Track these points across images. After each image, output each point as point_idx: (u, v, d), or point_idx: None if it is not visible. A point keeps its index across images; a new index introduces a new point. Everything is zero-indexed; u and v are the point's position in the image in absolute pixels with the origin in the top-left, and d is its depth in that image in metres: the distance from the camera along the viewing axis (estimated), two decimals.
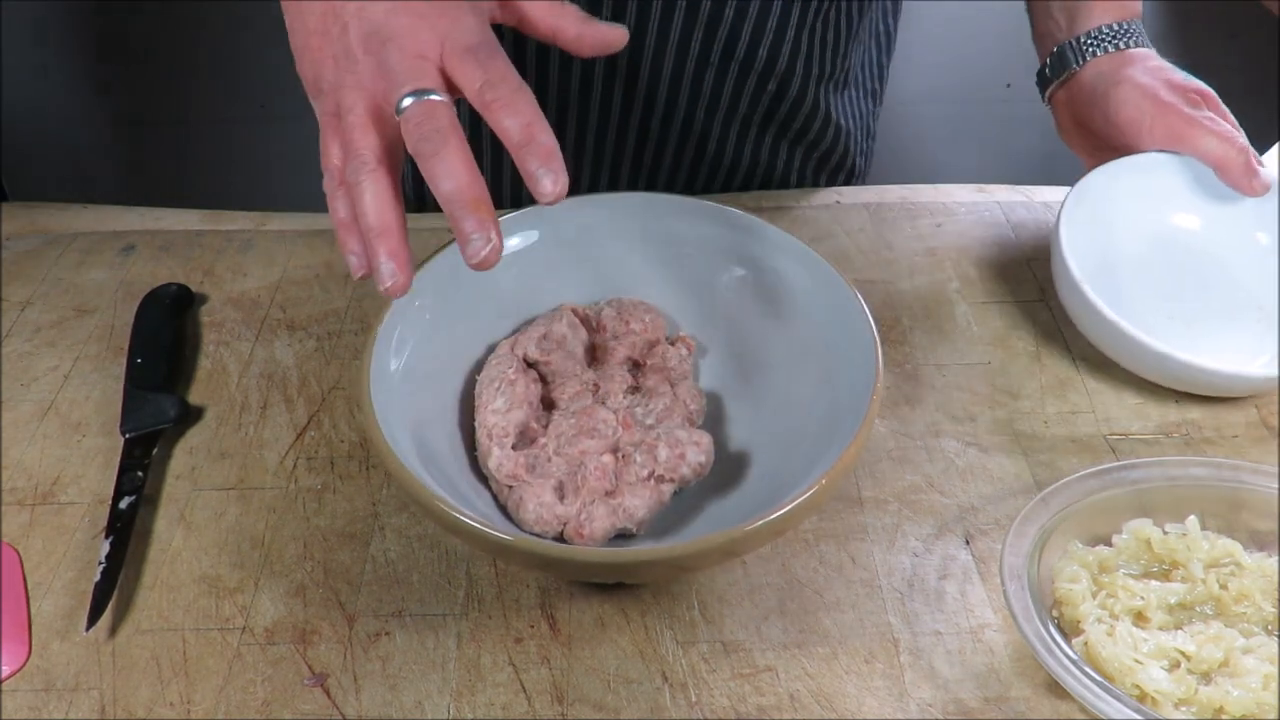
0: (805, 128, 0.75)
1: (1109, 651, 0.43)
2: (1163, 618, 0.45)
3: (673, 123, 0.72)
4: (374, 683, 0.44)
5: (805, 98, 0.73)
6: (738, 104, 0.72)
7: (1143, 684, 0.42)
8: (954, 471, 0.53)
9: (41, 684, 0.44)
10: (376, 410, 0.45)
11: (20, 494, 0.53)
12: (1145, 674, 0.43)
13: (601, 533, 0.46)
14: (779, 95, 0.72)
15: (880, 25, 0.79)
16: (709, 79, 0.70)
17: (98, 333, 0.62)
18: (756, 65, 0.69)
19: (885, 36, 0.80)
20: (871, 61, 0.80)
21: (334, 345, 0.61)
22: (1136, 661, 0.43)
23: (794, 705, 0.43)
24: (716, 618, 0.47)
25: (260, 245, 0.69)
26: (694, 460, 0.48)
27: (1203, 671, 0.43)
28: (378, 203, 0.43)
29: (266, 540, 0.50)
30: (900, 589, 0.48)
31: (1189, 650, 0.43)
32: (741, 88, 0.71)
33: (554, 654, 0.45)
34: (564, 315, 0.55)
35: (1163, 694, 0.42)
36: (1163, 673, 0.43)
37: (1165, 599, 0.46)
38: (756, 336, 0.55)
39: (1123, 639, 0.44)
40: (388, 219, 0.43)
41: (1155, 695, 0.42)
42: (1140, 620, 0.45)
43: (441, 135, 0.42)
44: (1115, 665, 0.43)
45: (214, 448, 0.55)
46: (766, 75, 0.70)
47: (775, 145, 0.76)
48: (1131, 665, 0.43)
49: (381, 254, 0.42)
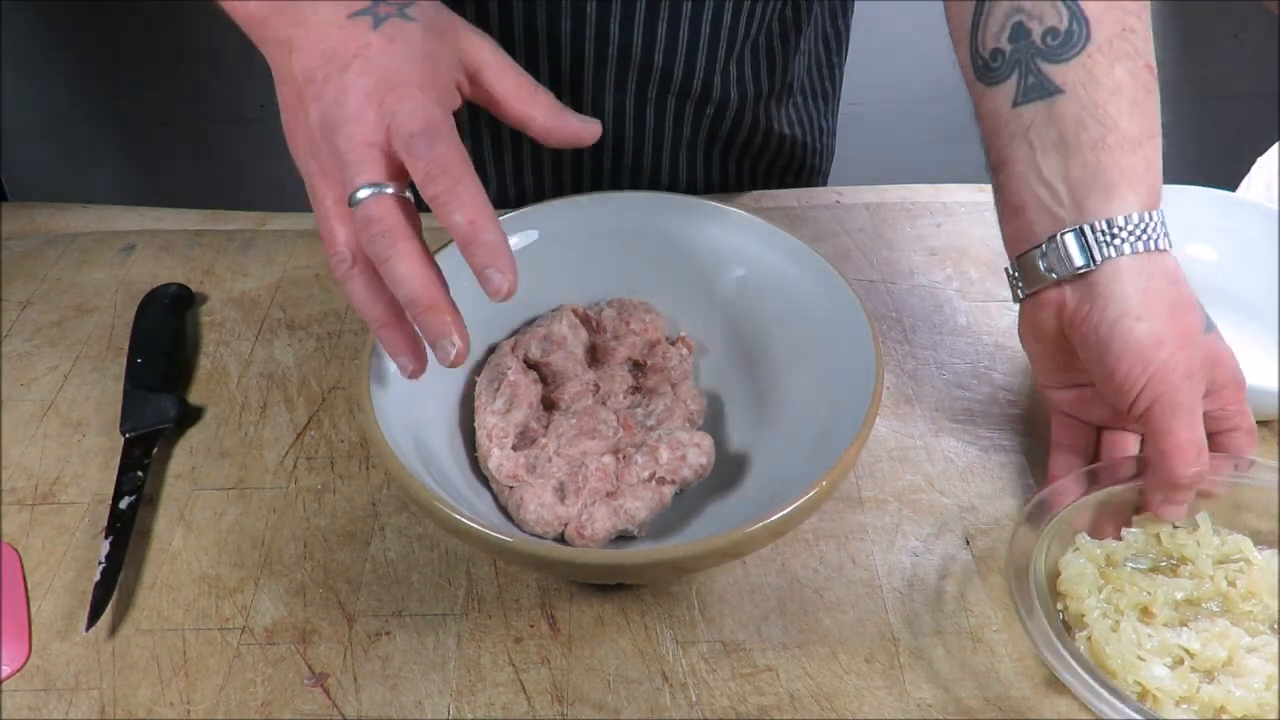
0: (748, 142, 0.75)
1: (1113, 648, 0.43)
2: (1168, 614, 0.45)
3: (623, 154, 0.72)
4: (374, 683, 0.44)
5: (744, 116, 0.72)
6: (680, 131, 0.72)
7: (1144, 681, 0.42)
8: (954, 471, 0.53)
9: (41, 684, 0.44)
10: (376, 410, 0.45)
11: (20, 494, 0.53)
12: (1148, 671, 0.42)
13: (602, 534, 0.46)
14: (718, 118, 0.72)
15: (827, 27, 0.78)
16: (650, 112, 0.70)
17: (98, 333, 0.62)
18: (693, 95, 0.69)
19: (835, 38, 0.79)
20: (821, 63, 0.79)
21: (334, 345, 0.61)
22: (1139, 658, 0.43)
23: (794, 705, 0.43)
24: (716, 618, 0.47)
25: (260, 245, 0.69)
26: (695, 462, 0.48)
27: (1206, 670, 0.43)
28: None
29: (266, 540, 0.50)
30: (900, 589, 0.48)
31: (1193, 648, 0.43)
32: (682, 115, 0.71)
33: (554, 654, 0.45)
34: (564, 316, 0.55)
35: (1164, 691, 0.42)
36: (1165, 670, 0.42)
37: (1172, 595, 0.45)
38: (756, 336, 0.55)
39: (1126, 635, 0.43)
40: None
41: (1157, 693, 0.42)
42: (1145, 616, 0.45)
43: (389, 238, 0.40)
44: (1118, 662, 0.42)
45: (214, 448, 0.55)
46: (704, 102, 0.70)
47: (724, 163, 0.76)
48: (1134, 662, 0.42)
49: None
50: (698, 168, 0.75)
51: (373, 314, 0.43)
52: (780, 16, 0.70)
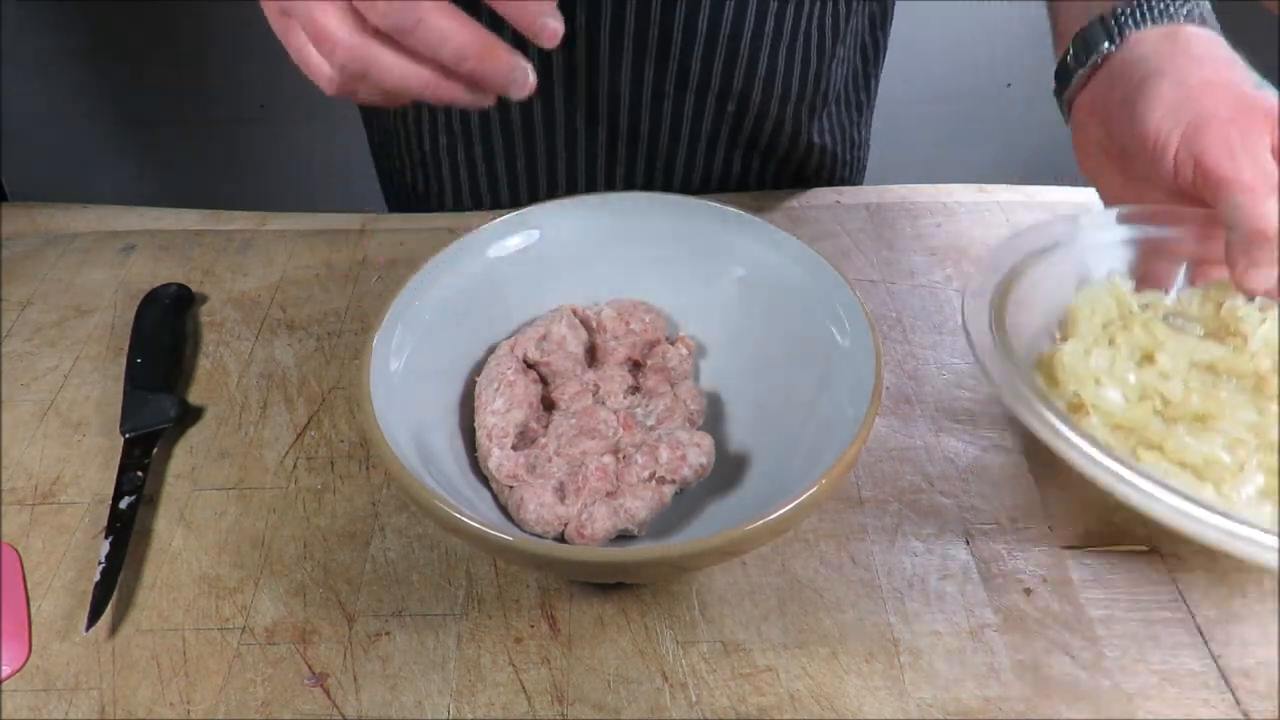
0: (773, 145, 0.74)
1: (1070, 359, 0.36)
2: (1175, 369, 0.37)
3: (639, 145, 0.72)
4: (374, 683, 0.44)
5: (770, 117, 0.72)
6: (700, 127, 0.71)
7: (1087, 396, 0.36)
8: (954, 471, 0.53)
9: (41, 684, 0.44)
10: (376, 410, 0.45)
11: (20, 494, 0.53)
12: (1097, 391, 0.36)
13: (602, 533, 0.46)
14: (740, 115, 0.72)
15: (866, 37, 0.78)
16: (667, 106, 0.70)
17: (98, 333, 0.62)
18: (712, 90, 0.69)
19: (873, 47, 0.79)
20: (858, 74, 0.79)
21: (334, 345, 0.61)
22: (1096, 381, 0.36)
23: (794, 705, 0.43)
24: (716, 618, 0.47)
25: (260, 245, 0.69)
26: (695, 462, 0.48)
27: (1172, 418, 0.36)
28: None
29: (266, 540, 0.50)
30: (900, 589, 0.48)
31: (1172, 396, 0.36)
32: (702, 110, 0.70)
33: (554, 654, 0.45)
34: (564, 316, 0.55)
35: (1102, 411, 0.35)
36: (1119, 397, 0.35)
37: (1191, 352, 0.37)
38: (756, 336, 0.55)
39: (1098, 356, 0.36)
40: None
41: (1092, 408, 0.36)
42: (1147, 362, 0.38)
43: (410, 5, 0.38)
44: (1067, 374, 0.36)
45: (214, 448, 0.55)
46: (725, 98, 0.70)
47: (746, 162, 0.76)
48: (1085, 375, 0.36)
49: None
50: (715, 164, 0.75)
51: (417, 81, 0.40)
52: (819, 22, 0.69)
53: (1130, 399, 0.36)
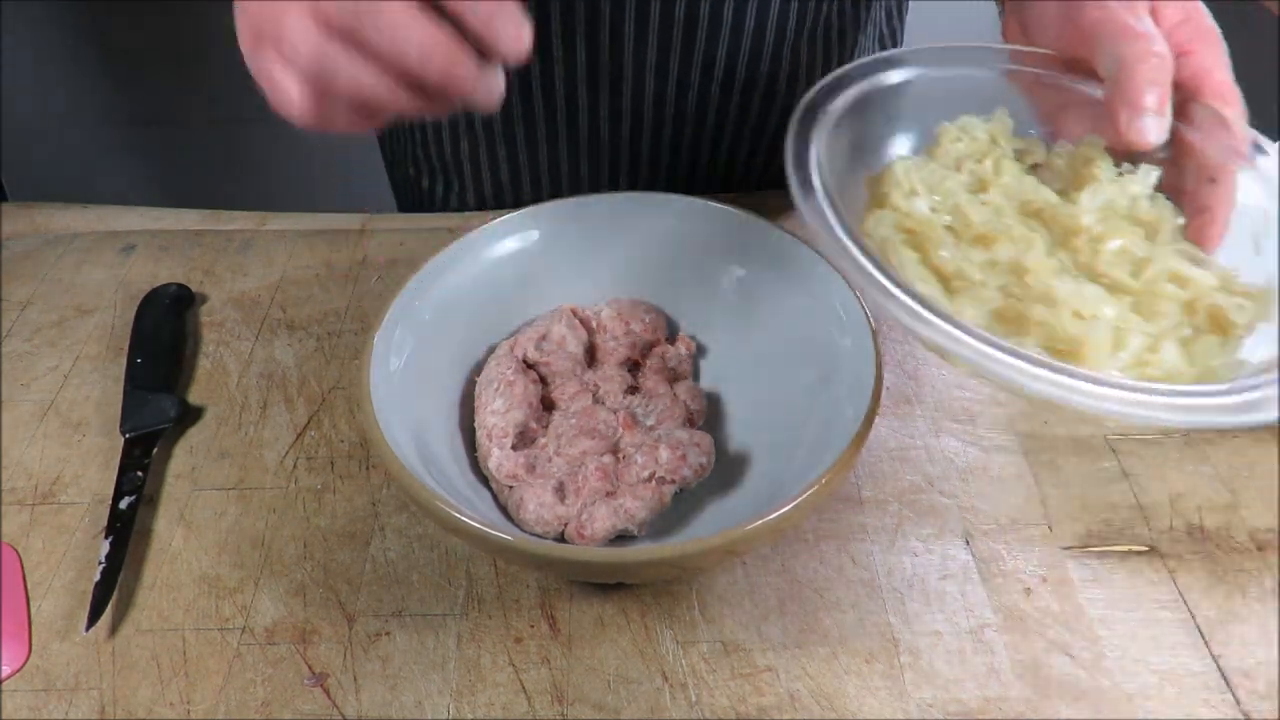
0: None
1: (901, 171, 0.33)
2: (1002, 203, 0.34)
3: (662, 137, 0.72)
4: (374, 683, 0.44)
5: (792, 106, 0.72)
6: (724, 119, 0.72)
7: (895, 200, 0.33)
8: (954, 471, 0.53)
9: (41, 684, 0.44)
10: (376, 410, 0.45)
11: (20, 494, 0.53)
12: (909, 201, 0.33)
13: (602, 533, 0.46)
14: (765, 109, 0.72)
15: (884, 28, 0.78)
16: (692, 98, 0.70)
17: (98, 333, 0.62)
18: (738, 82, 0.69)
19: (891, 38, 0.80)
20: None
21: (334, 345, 0.61)
22: (913, 190, 0.34)
23: (794, 705, 0.43)
24: (716, 618, 0.47)
25: (260, 245, 0.69)
26: (695, 462, 0.48)
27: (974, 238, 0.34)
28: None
29: (266, 540, 0.50)
30: (900, 589, 0.48)
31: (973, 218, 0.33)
32: (727, 103, 0.70)
33: (554, 654, 0.45)
34: (563, 316, 0.55)
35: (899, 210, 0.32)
36: (929, 211, 0.33)
37: (1026, 193, 0.34)
38: (756, 336, 0.55)
39: (929, 171, 0.34)
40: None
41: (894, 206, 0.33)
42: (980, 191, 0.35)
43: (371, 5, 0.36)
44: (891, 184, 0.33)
45: (214, 448, 0.55)
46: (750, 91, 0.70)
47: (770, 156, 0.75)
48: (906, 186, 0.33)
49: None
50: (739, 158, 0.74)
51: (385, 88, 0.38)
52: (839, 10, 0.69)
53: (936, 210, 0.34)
